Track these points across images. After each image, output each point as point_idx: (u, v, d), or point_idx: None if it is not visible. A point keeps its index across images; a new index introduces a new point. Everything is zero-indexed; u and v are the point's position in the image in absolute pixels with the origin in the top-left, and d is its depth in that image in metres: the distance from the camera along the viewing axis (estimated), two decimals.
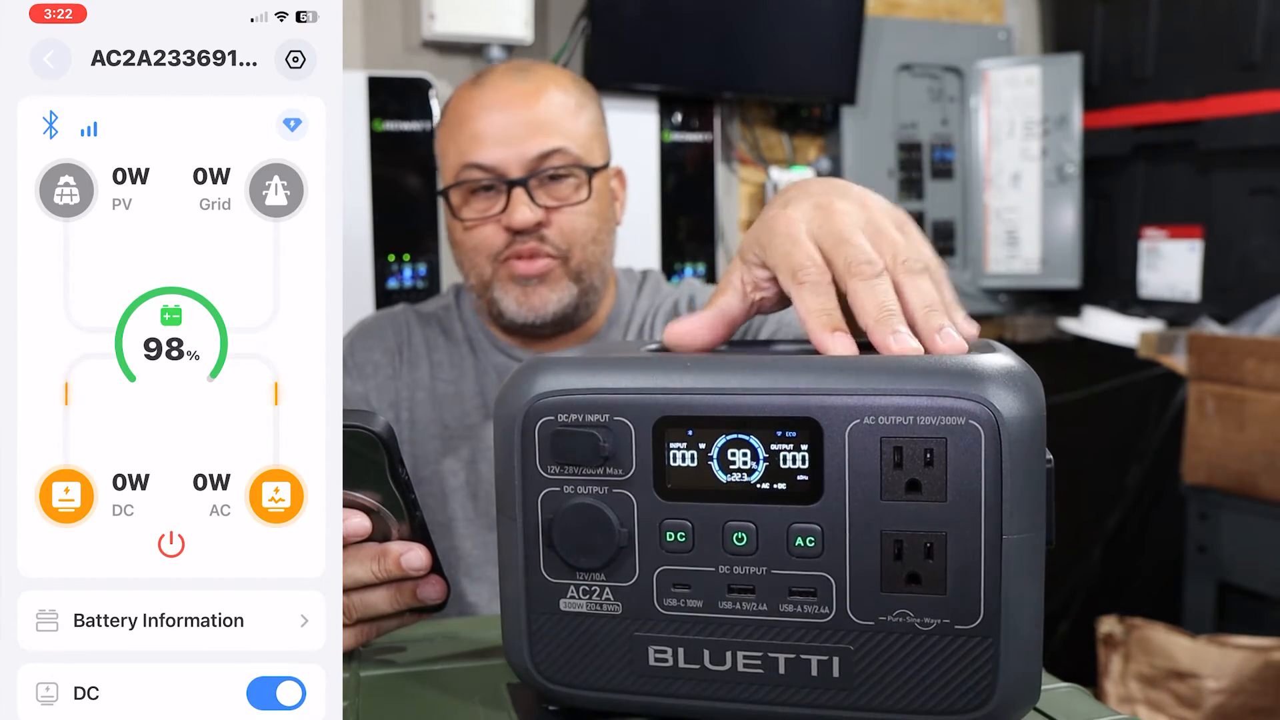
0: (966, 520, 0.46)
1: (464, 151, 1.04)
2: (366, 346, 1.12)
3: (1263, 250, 2.02)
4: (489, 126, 1.03)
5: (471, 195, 1.05)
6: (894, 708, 0.48)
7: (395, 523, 0.63)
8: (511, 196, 1.02)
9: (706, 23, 2.04)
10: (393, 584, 0.63)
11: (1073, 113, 2.26)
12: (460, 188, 1.05)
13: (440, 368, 1.11)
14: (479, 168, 1.03)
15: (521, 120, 1.03)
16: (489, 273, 1.06)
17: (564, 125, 1.04)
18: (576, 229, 1.05)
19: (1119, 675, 1.77)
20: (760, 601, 0.49)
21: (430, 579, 0.63)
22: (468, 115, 1.05)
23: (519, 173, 1.03)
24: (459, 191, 1.05)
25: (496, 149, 1.03)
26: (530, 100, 1.04)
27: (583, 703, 0.53)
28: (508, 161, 1.03)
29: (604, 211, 1.09)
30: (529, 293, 1.05)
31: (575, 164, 1.04)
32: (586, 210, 1.06)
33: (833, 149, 2.27)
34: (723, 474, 0.49)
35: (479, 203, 1.05)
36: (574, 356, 0.52)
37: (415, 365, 1.12)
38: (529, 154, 1.03)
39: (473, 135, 1.04)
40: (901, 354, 0.48)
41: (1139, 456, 2.13)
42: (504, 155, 1.03)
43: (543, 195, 1.03)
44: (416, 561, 0.62)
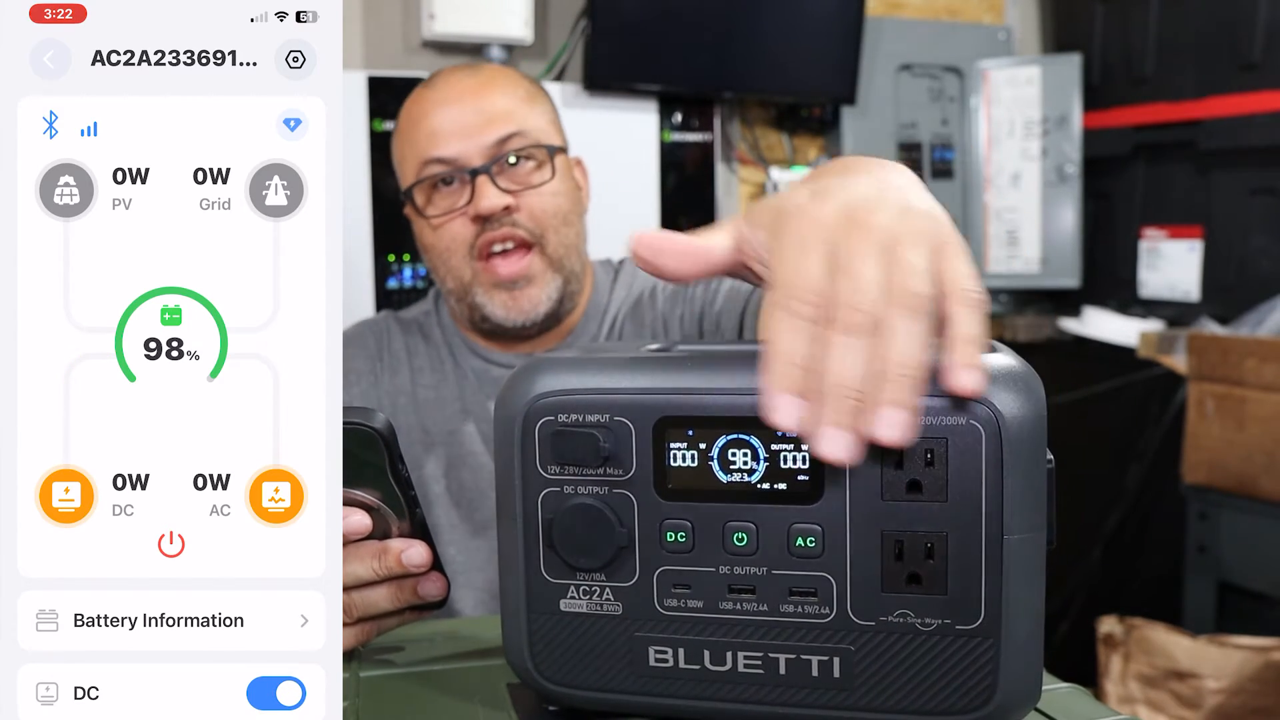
0: (967, 520, 0.46)
1: (422, 149, 1.04)
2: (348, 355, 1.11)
3: (1263, 250, 2.02)
4: (445, 121, 1.03)
5: (434, 192, 1.05)
6: (894, 708, 0.48)
7: (395, 520, 0.63)
8: (476, 185, 1.02)
9: (706, 23, 2.04)
10: (393, 581, 0.63)
11: (1073, 113, 2.26)
12: (423, 185, 1.04)
13: (421, 373, 1.11)
14: (440, 161, 1.03)
15: (475, 110, 1.03)
16: (468, 275, 1.04)
17: (518, 112, 1.04)
18: (546, 210, 1.04)
19: (1119, 675, 1.77)
20: (761, 602, 0.49)
21: (431, 575, 0.63)
22: (422, 114, 1.05)
23: (480, 161, 1.02)
24: (422, 189, 1.05)
25: (455, 141, 1.02)
26: (482, 92, 1.04)
27: (583, 703, 0.53)
28: (468, 152, 1.02)
29: (571, 193, 1.08)
30: (516, 296, 1.04)
31: (535, 145, 1.04)
32: (552, 191, 1.05)
33: (833, 149, 2.27)
34: (723, 474, 0.49)
35: (443, 199, 1.04)
36: (574, 356, 0.52)
37: (396, 371, 1.11)
38: (487, 141, 1.02)
39: (430, 132, 1.03)
40: (827, 458, 0.42)
41: (1139, 456, 2.13)
42: (463, 147, 1.02)
43: (506, 180, 1.03)
44: (417, 558, 0.62)
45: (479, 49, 1.99)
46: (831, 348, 0.42)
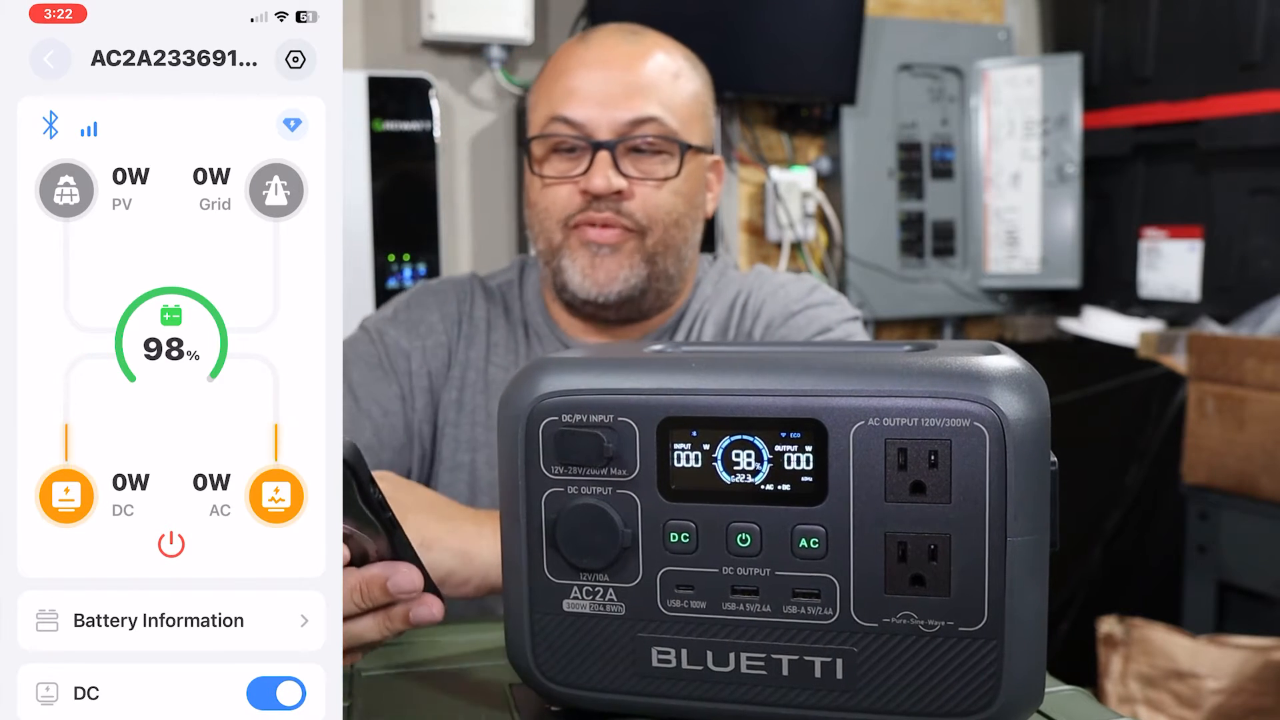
0: (971, 522, 0.46)
1: (555, 105, 0.98)
2: (424, 305, 1.06)
3: (1263, 250, 2.02)
4: (584, 83, 0.98)
5: (554, 153, 1.00)
6: (897, 710, 0.48)
7: (372, 543, 0.58)
8: (595, 160, 0.97)
9: (706, 23, 2.04)
10: (380, 610, 0.57)
11: (1073, 113, 2.26)
12: (545, 140, 0.99)
13: (496, 349, 1.06)
14: (567, 122, 0.98)
15: (619, 81, 0.97)
16: (559, 239, 1.00)
17: (663, 94, 0.98)
18: (660, 206, 0.98)
19: (1119, 675, 1.77)
20: (764, 603, 0.49)
21: (423, 599, 0.57)
22: (566, 69, 1.00)
23: (608, 135, 0.97)
24: (542, 145, 1.00)
25: (588, 106, 0.97)
26: (633, 62, 0.98)
27: (585, 703, 0.52)
28: (597, 122, 0.97)
29: (693, 195, 1.01)
30: (597, 263, 0.98)
31: (668, 136, 0.98)
32: (673, 188, 0.98)
33: (833, 149, 2.27)
34: (727, 475, 0.48)
35: (561, 162, 0.99)
36: (578, 357, 0.52)
37: (473, 341, 1.06)
38: (621, 118, 0.97)
39: (567, 89, 0.98)
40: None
41: (1139, 456, 2.13)
42: (594, 114, 0.97)
43: (628, 164, 0.98)
44: (406, 584, 0.56)
45: (479, 49, 1.99)
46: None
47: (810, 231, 2.22)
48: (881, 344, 0.60)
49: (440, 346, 1.04)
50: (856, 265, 2.26)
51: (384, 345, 1.02)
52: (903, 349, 0.51)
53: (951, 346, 0.51)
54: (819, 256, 2.28)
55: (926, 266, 2.33)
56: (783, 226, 2.20)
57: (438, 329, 1.05)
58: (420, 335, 1.04)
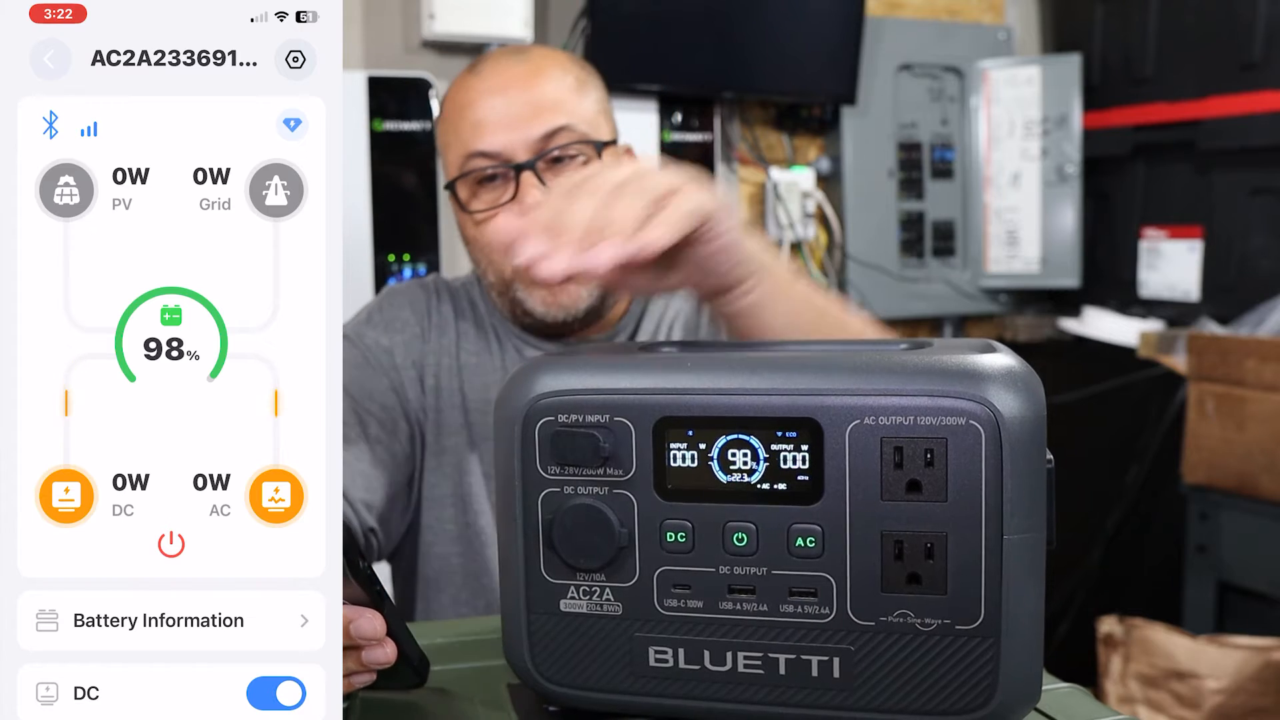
0: (967, 521, 0.46)
1: (467, 141, 1.01)
2: (395, 304, 1.09)
3: (1263, 250, 2.02)
4: (490, 112, 1.00)
5: (479, 186, 1.02)
6: (894, 708, 0.48)
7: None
8: (520, 182, 0.99)
9: (706, 23, 2.04)
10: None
11: (1073, 113, 2.26)
12: (466, 179, 1.02)
13: (465, 337, 1.08)
14: (484, 155, 1.00)
15: (522, 102, 1.00)
16: (509, 271, 1.01)
17: (567, 103, 1.01)
18: None
19: (1119, 675, 1.77)
20: (760, 602, 0.49)
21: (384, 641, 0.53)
22: (467, 103, 1.02)
23: (525, 156, 0.99)
24: (465, 183, 1.02)
25: (500, 134, 0.99)
26: (530, 81, 1.01)
27: (583, 703, 0.53)
28: (513, 146, 0.99)
29: None
30: (556, 292, 1.00)
31: (582, 140, 1.00)
32: None
33: (833, 149, 2.27)
34: (723, 474, 0.49)
35: (487, 194, 1.02)
36: (574, 357, 0.52)
37: (443, 331, 1.08)
38: (533, 135, 0.99)
39: (474, 123, 1.00)
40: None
41: (1139, 456, 2.13)
42: (508, 140, 0.99)
43: (551, 177, 0.99)
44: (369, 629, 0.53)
45: (479, 49, 1.99)
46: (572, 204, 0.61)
47: (810, 231, 2.22)
48: (877, 342, 0.60)
49: (415, 339, 1.07)
50: (856, 265, 2.26)
51: (364, 346, 1.05)
52: (898, 347, 0.52)
53: (947, 345, 0.52)
54: (819, 256, 2.29)
55: (926, 266, 2.33)
56: (783, 226, 2.20)
57: (411, 323, 1.08)
58: (396, 330, 1.07)
